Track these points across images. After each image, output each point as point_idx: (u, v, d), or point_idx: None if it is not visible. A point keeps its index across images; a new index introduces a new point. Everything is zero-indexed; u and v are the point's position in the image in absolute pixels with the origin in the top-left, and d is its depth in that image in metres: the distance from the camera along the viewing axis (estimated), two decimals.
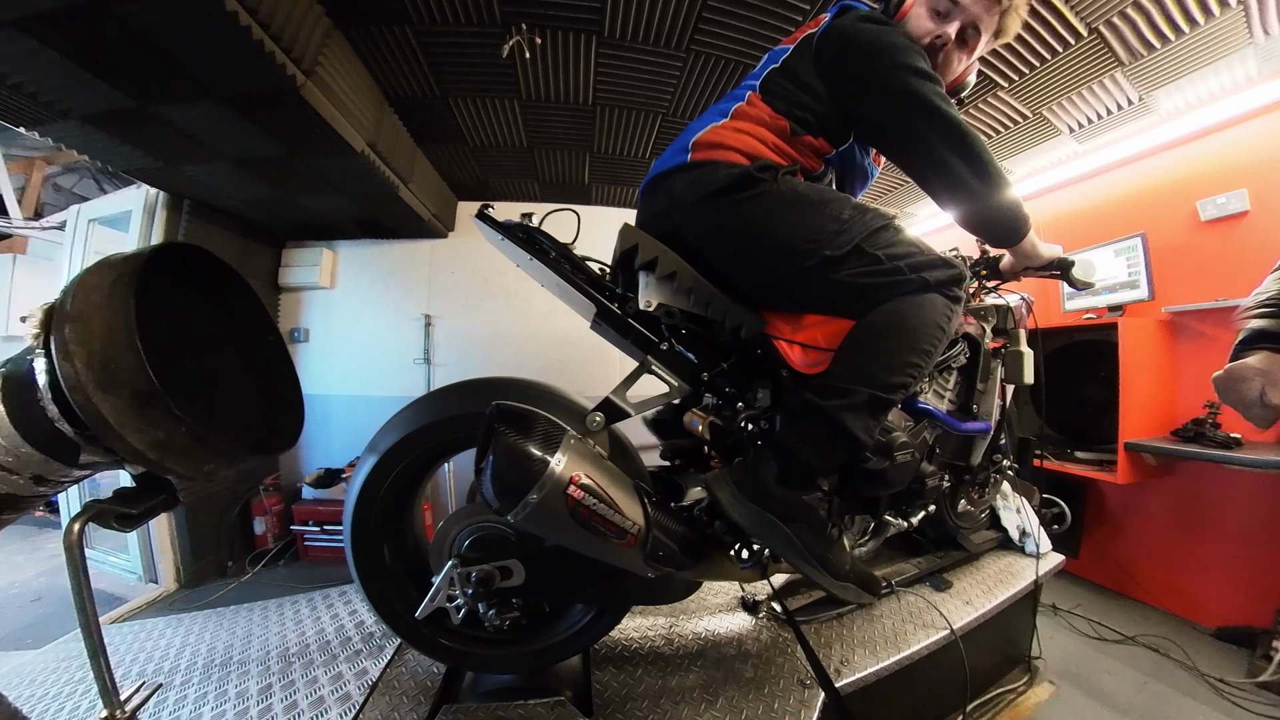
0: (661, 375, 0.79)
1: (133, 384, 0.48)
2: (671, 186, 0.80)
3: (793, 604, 1.19)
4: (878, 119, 0.78)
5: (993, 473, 1.37)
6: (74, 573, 0.59)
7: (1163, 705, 1.32)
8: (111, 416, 0.48)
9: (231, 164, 1.81)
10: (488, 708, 0.88)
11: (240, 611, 1.40)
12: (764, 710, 0.86)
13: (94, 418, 0.49)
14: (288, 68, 1.30)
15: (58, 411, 0.51)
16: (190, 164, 1.81)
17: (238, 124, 1.53)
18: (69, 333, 0.48)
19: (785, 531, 0.69)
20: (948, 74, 0.84)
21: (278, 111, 1.47)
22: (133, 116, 1.46)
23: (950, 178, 0.74)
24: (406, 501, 0.97)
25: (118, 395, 0.48)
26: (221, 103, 1.43)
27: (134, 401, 0.49)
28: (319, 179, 1.94)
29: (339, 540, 2.59)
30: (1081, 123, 1.92)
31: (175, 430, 0.50)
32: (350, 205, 2.23)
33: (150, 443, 0.50)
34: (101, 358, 0.48)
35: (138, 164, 1.80)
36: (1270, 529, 1.57)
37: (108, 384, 0.48)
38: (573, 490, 0.59)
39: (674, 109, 1.88)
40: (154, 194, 2.15)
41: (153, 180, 2.02)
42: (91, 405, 0.48)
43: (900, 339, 0.72)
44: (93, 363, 0.48)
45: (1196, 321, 1.77)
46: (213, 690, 1.00)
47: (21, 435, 0.53)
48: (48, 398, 0.52)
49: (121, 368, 0.48)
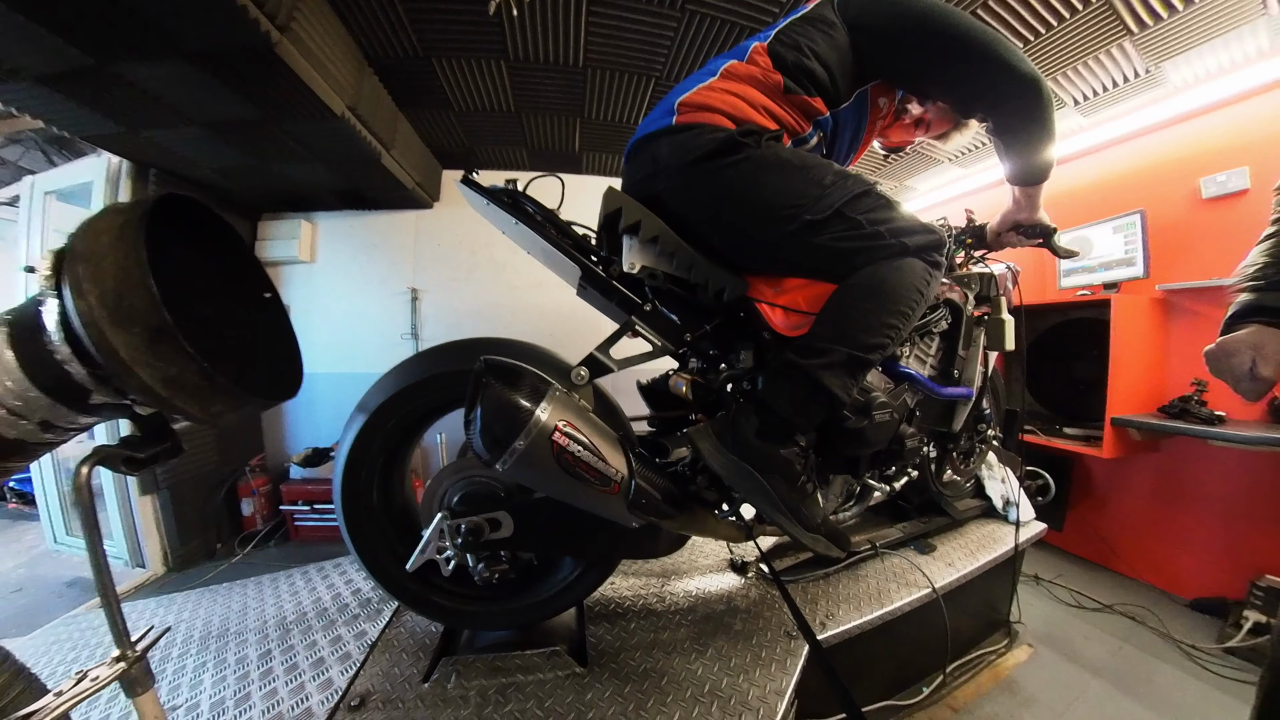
0: (645, 335, 0.85)
1: (145, 319, 0.52)
2: (656, 151, 0.84)
3: (780, 565, 1.28)
4: (904, 38, 0.83)
5: (978, 442, 1.46)
6: (84, 514, 0.64)
7: (1135, 667, 1.44)
8: (124, 351, 0.52)
9: (201, 129, 1.79)
10: (485, 659, 0.96)
11: (234, 587, 1.43)
12: (751, 659, 0.95)
13: (107, 353, 0.52)
14: (261, 23, 1.28)
15: (69, 351, 0.55)
16: (156, 129, 1.79)
17: (207, 85, 1.51)
18: (82, 271, 0.52)
19: (761, 482, 0.75)
20: (899, 136, 1.04)
21: (251, 71, 1.45)
22: (92, 76, 1.43)
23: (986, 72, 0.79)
24: (397, 461, 1.02)
25: (130, 330, 0.52)
26: (189, 61, 1.40)
27: (146, 337, 0.52)
28: (296, 145, 1.93)
29: (330, 520, 2.68)
30: (1087, 94, 1.94)
31: (186, 367, 0.55)
32: (329, 174, 2.22)
33: (161, 378, 0.54)
34: (114, 294, 0.52)
35: (98, 129, 1.77)
36: (1247, 505, 1.68)
37: (121, 319, 0.52)
38: (558, 437, 0.65)
39: (667, 72, 1.88)
40: (116, 163, 2.12)
41: (114, 147, 1.99)
42: (105, 340, 0.52)
43: (879, 301, 0.78)
44: (106, 299, 0.51)
45: (1189, 300, 1.84)
46: (211, 659, 1.05)
47: (29, 379, 0.57)
48: (58, 339, 0.55)
49: (134, 304, 0.52)
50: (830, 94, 0.86)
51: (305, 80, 1.51)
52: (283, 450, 2.61)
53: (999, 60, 0.78)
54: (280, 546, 2.41)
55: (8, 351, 0.57)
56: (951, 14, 0.80)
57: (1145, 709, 1.27)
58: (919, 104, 1.00)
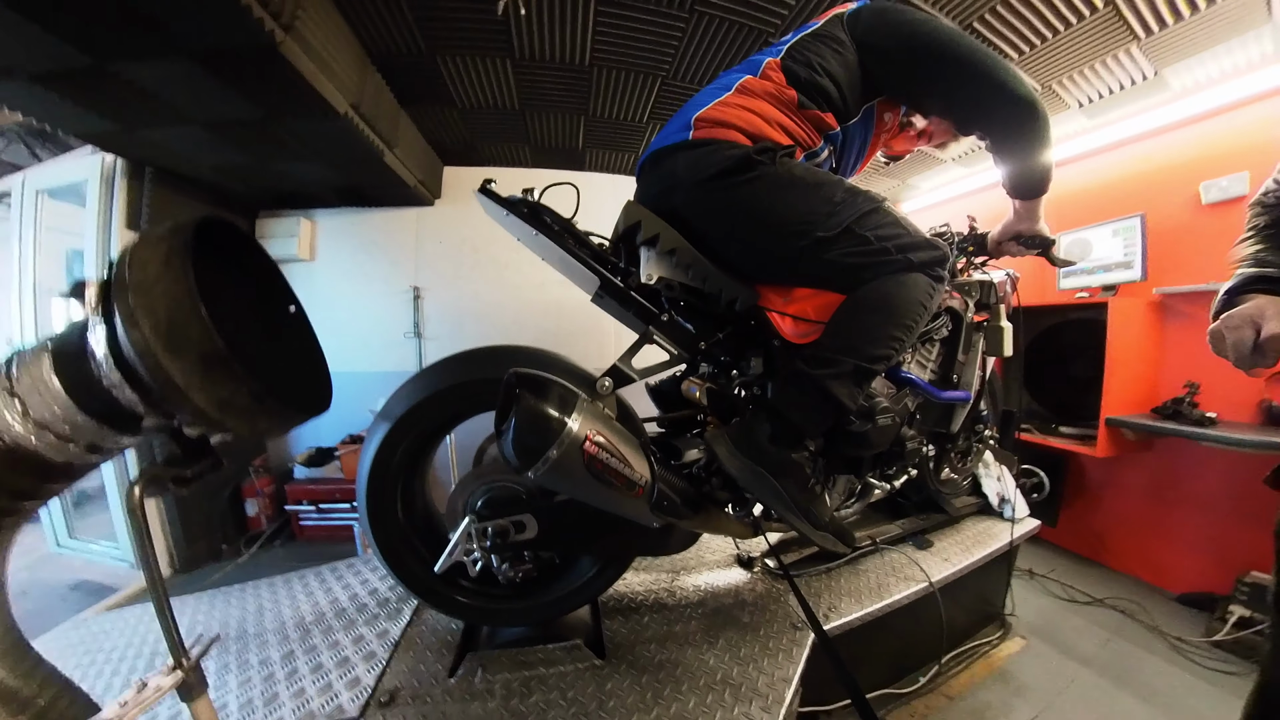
0: (662, 344, 0.90)
1: (199, 346, 0.55)
2: (673, 165, 0.88)
3: (784, 560, 1.35)
4: (912, 55, 0.88)
5: (975, 442, 1.53)
6: (138, 533, 0.68)
7: (1123, 658, 1.53)
8: (179, 378, 0.55)
9: (200, 128, 1.80)
10: (509, 653, 1.01)
11: (246, 589, 1.44)
12: (760, 649, 1.02)
13: (162, 380, 0.55)
14: (265, 22, 1.28)
15: (120, 377, 0.57)
16: (153, 128, 1.78)
17: (209, 84, 1.51)
18: (134, 301, 0.54)
19: (775, 484, 0.81)
20: (902, 145, 1.10)
21: (254, 70, 1.46)
22: (88, 75, 1.42)
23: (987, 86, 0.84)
24: (418, 467, 1.07)
25: (184, 358, 0.55)
26: (190, 60, 1.40)
27: (200, 363, 0.55)
28: (297, 144, 1.94)
29: (336, 519, 2.72)
30: (1092, 97, 1.97)
31: (238, 390, 0.58)
32: (330, 172, 2.23)
33: (214, 402, 0.57)
34: (167, 323, 0.54)
35: (93, 128, 1.76)
36: (1235, 504, 1.76)
37: (175, 348, 0.55)
38: (588, 446, 0.70)
39: (674, 72, 1.91)
40: (111, 161, 2.11)
41: (109, 145, 1.98)
42: (160, 369, 0.55)
43: (885, 315, 0.83)
44: (159, 328, 0.54)
45: (1186, 304, 1.90)
46: (233, 661, 1.07)
47: (77, 405, 0.59)
48: (107, 366, 0.57)
49: (188, 333, 0.55)
50: (840, 110, 0.90)
51: (309, 79, 1.52)
52: (285, 450, 2.64)
53: (997, 83, 0.82)
54: (286, 546, 2.45)
55: (55, 379, 0.59)
56: (954, 37, 0.84)
57: (1133, 698, 1.35)
58: (922, 118, 1.05)
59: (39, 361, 0.60)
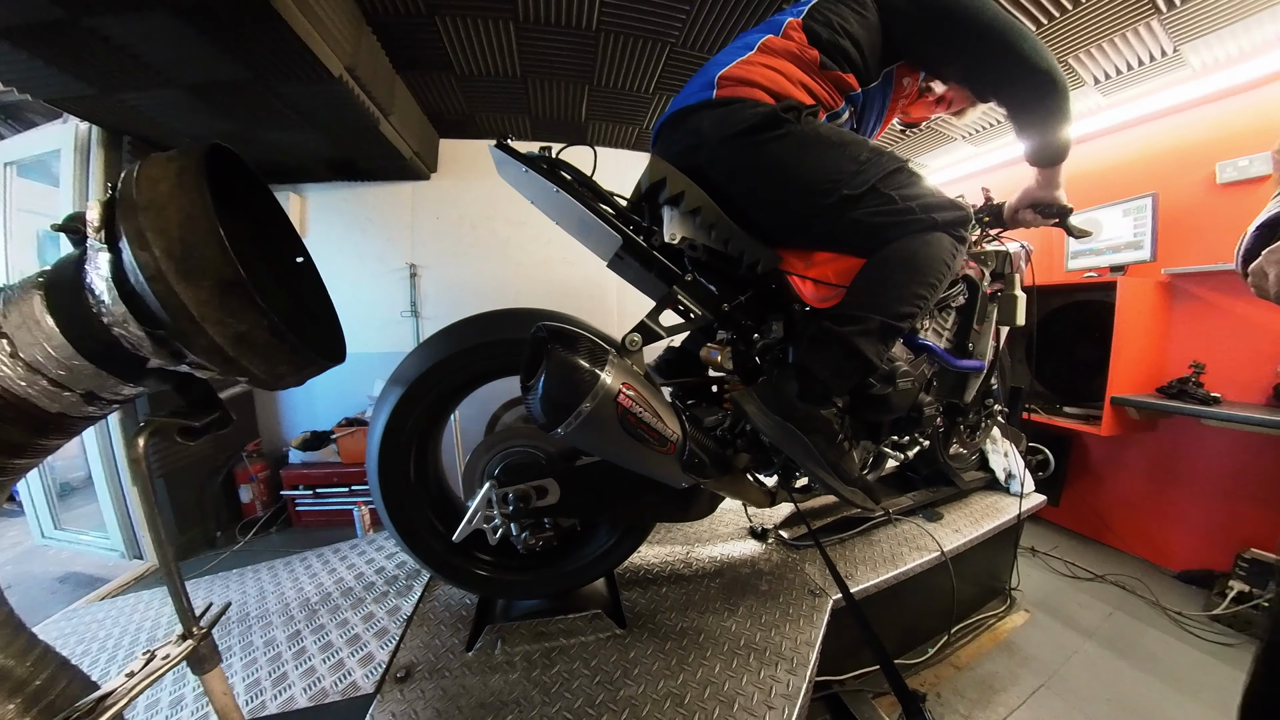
0: (686, 304, 0.89)
1: (216, 271, 0.49)
2: (698, 123, 0.87)
3: (796, 532, 1.37)
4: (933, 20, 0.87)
5: (983, 417, 1.56)
6: (143, 487, 0.65)
7: (1124, 631, 1.58)
8: (194, 307, 0.49)
9: (183, 91, 1.72)
10: (528, 625, 1.01)
11: (246, 573, 1.42)
12: (780, 615, 1.04)
13: (175, 309, 0.49)
14: None
15: (124, 310, 0.51)
16: (132, 91, 1.71)
17: (192, 41, 1.45)
18: (144, 221, 0.48)
19: (804, 440, 0.82)
20: (919, 112, 1.11)
21: (242, 25, 1.39)
22: (61, 30, 1.35)
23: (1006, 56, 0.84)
24: (432, 435, 1.05)
25: (200, 285, 0.49)
26: (173, 15, 1.34)
27: (217, 291, 0.50)
28: (288, 110, 1.87)
29: (333, 504, 2.67)
30: (1109, 73, 1.96)
31: (257, 324, 0.53)
32: (322, 142, 2.16)
33: (231, 336, 0.52)
34: (181, 245, 0.48)
35: (66, 92, 1.68)
36: (1236, 483, 1.81)
37: (190, 272, 0.49)
38: (622, 399, 0.70)
39: (684, 39, 1.87)
40: (85, 130, 2.02)
41: (84, 112, 1.89)
42: (173, 295, 0.49)
43: (910, 273, 0.84)
44: (173, 250, 0.48)
45: (1194, 284, 1.93)
46: (237, 644, 1.05)
47: (74, 346, 0.54)
48: (110, 299, 0.51)
49: (204, 255, 0.49)
50: (861, 71, 0.90)
51: (302, 37, 1.46)
52: (279, 434, 2.59)
53: (1017, 53, 0.83)
54: (282, 533, 2.42)
55: (47, 317, 0.53)
56: (977, 3, 0.84)
57: (1133, 668, 1.40)
58: (941, 84, 1.04)
59: (28, 298, 0.54)
